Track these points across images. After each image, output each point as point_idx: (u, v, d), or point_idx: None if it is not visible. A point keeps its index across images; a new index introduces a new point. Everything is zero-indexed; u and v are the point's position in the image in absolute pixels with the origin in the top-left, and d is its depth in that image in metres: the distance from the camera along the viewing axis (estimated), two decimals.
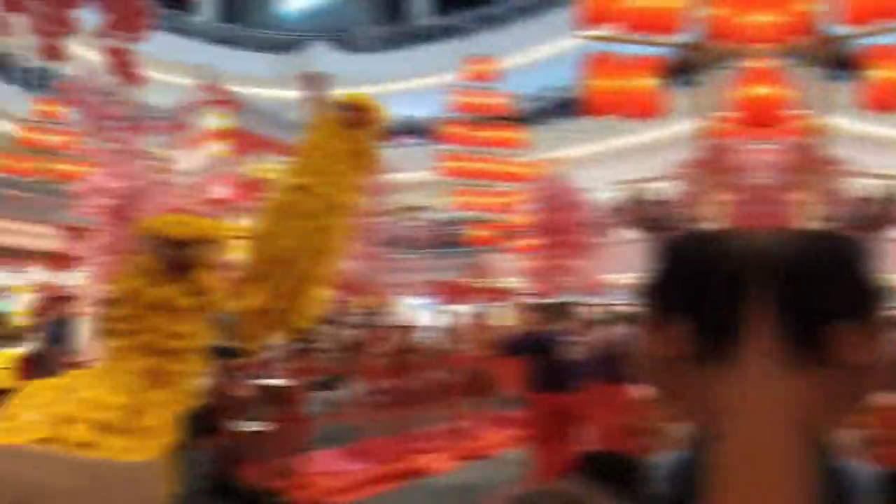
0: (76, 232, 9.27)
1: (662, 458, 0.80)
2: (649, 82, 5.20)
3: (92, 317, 7.88)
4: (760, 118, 4.80)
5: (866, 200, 6.59)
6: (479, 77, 12.14)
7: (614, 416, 4.82)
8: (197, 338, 2.14)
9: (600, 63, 5.24)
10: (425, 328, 7.74)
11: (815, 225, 5.56)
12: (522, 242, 12.05)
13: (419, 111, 19.72)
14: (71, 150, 12.55)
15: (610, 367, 5.00)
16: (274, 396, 4.58)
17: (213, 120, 11.08)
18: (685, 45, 5.12)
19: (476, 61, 12.10)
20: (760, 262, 0.56)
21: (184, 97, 8.37)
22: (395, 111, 20.15)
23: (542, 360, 4.78)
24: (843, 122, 8.60)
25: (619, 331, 5.50)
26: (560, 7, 15.79)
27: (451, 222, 16.85)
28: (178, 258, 2.07)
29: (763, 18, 4.52)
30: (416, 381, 6.01)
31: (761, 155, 6.44)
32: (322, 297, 4.34)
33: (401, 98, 20.16)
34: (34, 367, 6.00)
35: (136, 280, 2.08)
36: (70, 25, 2.97)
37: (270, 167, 12.02)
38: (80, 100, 6.63)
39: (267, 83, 19.82)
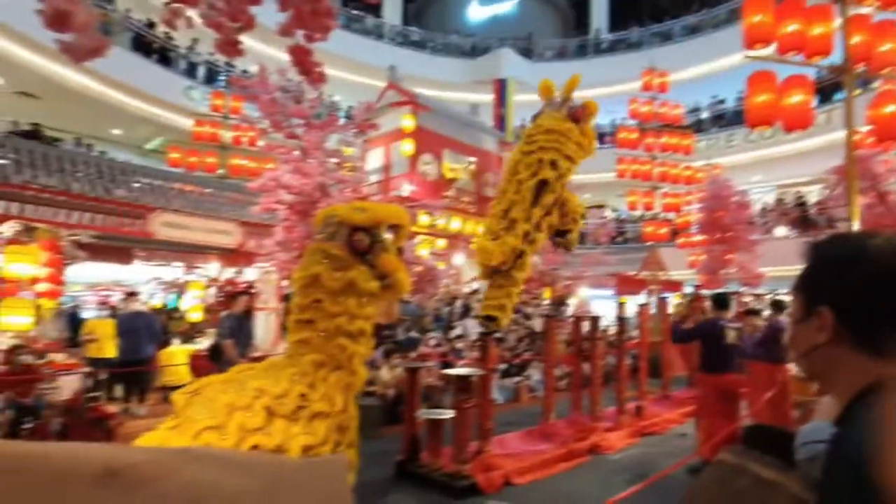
0: (254, 227, 9.22)
1: (811, 429, 0.95)
2: (802, 98, 5.63)
3: (270, 312, 7.74)
4: (889, 133, 5.36)
5: None
6: (655, 88, 12.82)
7: (773, 392, 5.16)
8: (373, 321, 2.17)
9: (761, 79, 5.78)
10: (604, 317, 7.63)
11: None
12: (690, 238, 12.86)
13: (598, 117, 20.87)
14: (250, 146, 12.33)
15: (769, 349, 5.49)
16: (460, 384, 4.49)
17: (400, 120, 11.31)
18: (832, 67, 5.62)
19: (652, 73, 12.85)
20: (887, 262, 0.67)
21: (371, 97, 7.87)
22: None
23: (712, 345, 5.03)
24: None
25: (776, 317, 5.95)
26: (724, 28, 17.54)
27: (629, 220, 17.96)
28: (360, 242, 2.07)
29: (889, 47, 5.19)
30: (594, 366, 6.01)
31: (888, 165, 6.69)
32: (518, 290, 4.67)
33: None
34: (210, 362, 6.00)
35: (318, 266, 2.07)
36: (246, 20, 2.80)
37: (455, 167, 13.24)
38: (259, 96, 6.24)
39: (452, 86, 20.57)
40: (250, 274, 9.97)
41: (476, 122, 14.04)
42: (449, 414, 4.67)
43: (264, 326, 8.05)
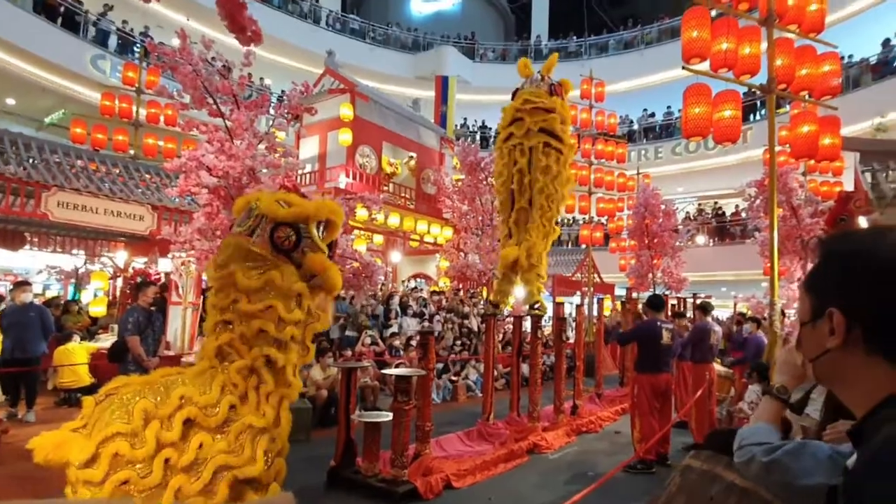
0: (171, 213, 8.71)
1: (751, 431, 0.95)
2: (732, 112, 5.94)
3: (187, 307, 7.43)
4: (805, 151, 5.88)
5: None
6: (592, 96, 13.41)
7: (702, 391, 5.52)
8: (307, 324, 2.01)
9: (697, 92, 5.98)
10: (539, 317, 8.16)
11: None
12: (622, 243, 13.63)
13: None
14: (167, 125, 11.53)
15: (696, 349, 5.94)
16: (400, 385, 4.32)
17: (338, 108, 10.87)
18: (759, 87, 5.96)
19: (590, 82, 13.37)
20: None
21: (307, 81, 7.34)
22: None
23: (649, 346, 5.20)
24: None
25: (702, 319, 6.24)
26: (656, 46, 19.42)
27: (565, 223, 18.82)
28: (285, 239, 1.92)
29: (807, 71, 5.68)
30: (533, 366, 6.02)
31: (798, 181, 7.45)
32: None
33: None
34: (111, 361, 5.45)
35: (235, 264, 1.92)
36: None
37: (394, 161, 13.29)
38: (179, 67, 5.63)
39: (392, 79, 20.68)
40: (164, 264, 9.21)
41: (417, 116, 13.90)
42: (387, 416, 4.48)
43: (179, 323, 7.68)
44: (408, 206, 12.68)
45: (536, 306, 5.87)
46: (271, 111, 7.59)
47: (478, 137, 20.63)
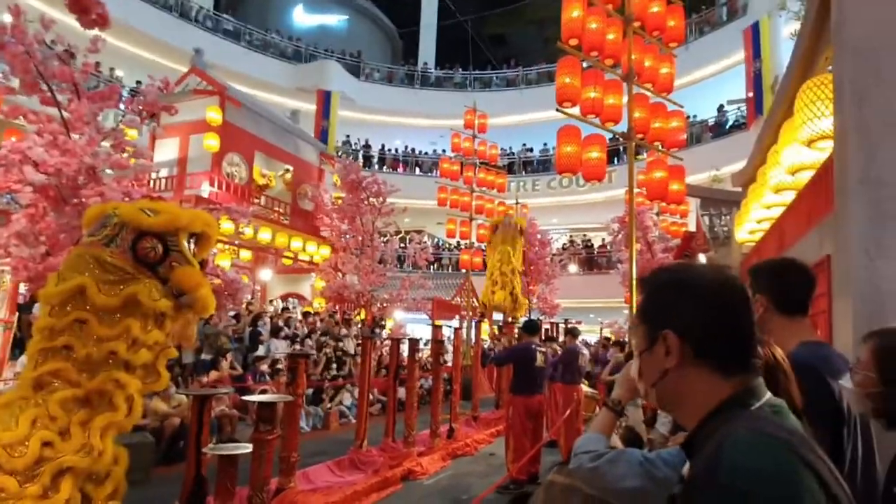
0: None
1: (584, 441, 1.10)
2: (598, 154, 6.75)
3: (5, 325, 6.76)
4: (657, 193, 6.86)
5: None
6: (475, 127, 14.32)
7: (570, 410, 5.93)
8: (164, 348, 1.87)
9: (568, 133, 6.72)
10: (418, 340, 7.94)
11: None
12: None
13: (415, 145, 22.35)
14: None
15: (565, 371, 6.45)
16: (262, 413, 4.10)
17: (204, 111, 10.27)
18: (621, 134, 6.84)
19: (473, 113, 14.28)
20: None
21: (167, 77, 6.74)
22: (394, 141, 22.32)
23: (524, 368, 5.49)
24: None
25: (572, 342, 6.86)
26: (535, 87, 21.64)
27: (446, 247, 19.82)
28: (149, 251, 1.78)
29: (659, 125, 6.71)
30: (410, 390, 6.17)
31: (653, 219, 8.83)
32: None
33: (397, 130, 22.72)
34: None
35: (84, 277, 1.74)
36: None
37: (267, 173, 12.86)
38: (7, 45, 5.25)
39: (269, 87, 19.88)
40: None
41: (296, 128, 13.54)
42: (245, 448, 4.11)
43: None
44: (282, 221, 12.20)
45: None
46: (121, 106, 7.04)
47: (360, 156, 20.69)
